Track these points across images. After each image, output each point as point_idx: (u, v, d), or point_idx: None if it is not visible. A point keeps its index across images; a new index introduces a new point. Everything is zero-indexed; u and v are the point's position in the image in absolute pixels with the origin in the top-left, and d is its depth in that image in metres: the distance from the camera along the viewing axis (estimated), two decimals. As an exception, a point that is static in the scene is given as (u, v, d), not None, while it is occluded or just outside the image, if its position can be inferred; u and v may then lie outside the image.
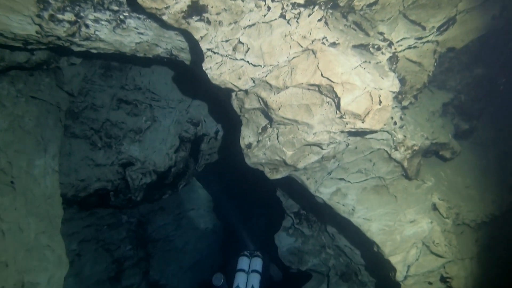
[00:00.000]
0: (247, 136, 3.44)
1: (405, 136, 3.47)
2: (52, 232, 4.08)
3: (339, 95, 2.84)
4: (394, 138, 3.46)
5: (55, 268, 4.00)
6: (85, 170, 4.81)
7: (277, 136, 3.24)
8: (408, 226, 3.56)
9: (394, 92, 3.02)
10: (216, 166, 6.22)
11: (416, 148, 3.51)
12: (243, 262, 5.31)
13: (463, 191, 3.97)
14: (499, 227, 4.00)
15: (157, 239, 6.74)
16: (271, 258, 6.05)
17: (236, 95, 3.29)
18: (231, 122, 4.92)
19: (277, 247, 5.84)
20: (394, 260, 3.52)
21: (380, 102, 2.89)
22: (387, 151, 3.53)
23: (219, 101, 4.47)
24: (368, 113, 2.89)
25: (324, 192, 3.74)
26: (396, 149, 3.49)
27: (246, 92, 3.18)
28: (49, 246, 4.02)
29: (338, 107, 2.92)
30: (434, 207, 3.72)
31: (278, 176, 3.51)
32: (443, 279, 3.60)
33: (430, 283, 3.58)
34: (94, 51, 3.52)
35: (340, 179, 3.72)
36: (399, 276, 3.51)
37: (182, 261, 7.21)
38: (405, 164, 3.54)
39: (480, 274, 3.66)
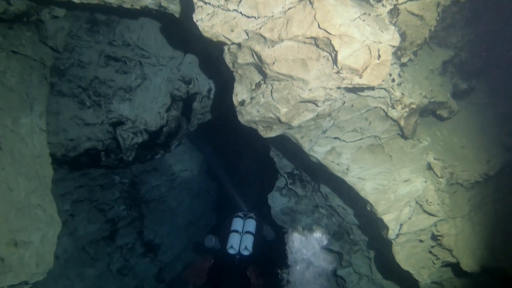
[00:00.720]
0: (240, 92, 3.32)
1: (403, 94, 3.37)
2: (42, 192, 4.02)
3: (336, 48, 2.70)
4: (392, 96, 3.36)
5: (47, 227, 3.98)
6: (74, 130, 4.68)
7: (271, 93, 3.12)
8: (402, 185, 3.54)
9: (393, 47, 2.88)
10: (209, 126, 6.11)
11: (413, 106, 3.42)
12: (237, 223, 5.43)
13: (458, 151, 3.94)
14: (492, 186, 4.01)
15: (151, 199, 6.75)
16: (265, 218, 6.14)
17: (228, 49, 3.13)
18: (224, 80, 4.77)
19: (270, 207, 5.87)
20: (387, 218, 3.53)
21: (379, 56, 2.77)
22: (383, 109, 3.45)
23: (212, 58, 4.30)
24: (366, 68, 2.77)
25: (318, 151, 3.68)
26: (393, 107, 3.40)
27: (239, 45, 3.02)
28: (40, 206, 3.98)
29: (335, 61, 2.80)
30: (429, 167, 3.70)
31: (272, 134, 3.43)
32: (434, 237, 3.64)
33: (421, 241, 3.63)
34: (76, 0, 3.30)
35: (335, 138, 3.66)
36: (391, 234, 3.54)
37: (175, 221, 7.27)
38: (402, 122, 3.47)
39: (470, 232, 3.70)
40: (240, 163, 8.57)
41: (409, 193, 3.54)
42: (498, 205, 3.78)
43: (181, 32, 4.43)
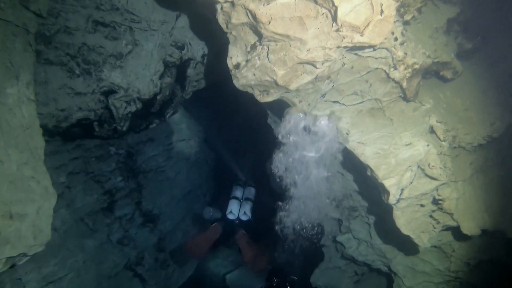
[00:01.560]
0: (234, 55, 3.15)
1: (405, 54, 3.21)
2: (35, 164, 3.92)
3: (336, 4, 2.52)
4: (394, 56, 3.20)
5: (42, 199, 3.91)
6: (64, 99, 4.52)
7: (268, 54, 2.96)
8: (404, 149, 3.45)
9: (397, 1, 2.70)
10: (204, 93, 5.94)
11: (416, 66, 3.27)
12: (237, 191, 5.63)
13: (461, 113, 3.82)
14: (495, 149, 3.93)
15: (148, 170, 6.67)
16: (264, 187, 6.11)
17: (221, 8, 2.94)
18: (218, 44, 4.56)
19: (269, 176, 5.81)
20: (388, 183, 3.46)
21: (381, 12, 2.59)
22: (385, 71, 3.30)
23: (205, 21, 4.08)
24: (367, 24, 2.60)
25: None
26: (395, 68, 3.25)
27: (232, 4, 2.83)
28: (33, 178, 3.88)
29: (334, 18, 2.62)
30: (431, 130, 3.59)
31: (269, 99, 3.29)
32: (435, 201, 3.59)
33: (422, 205, 3.58)
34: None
35: (335, 101, 3.53)
36: (392, 200, 3.48)
37: (174, 191, 7.24)
38: (404, 84, 3.33)
39: (471, 195, 3.66)
40: (237, 131, 8.46)
41: (410, 157, 3.45)
42: (502, 172, 3.70)
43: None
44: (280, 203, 6.39)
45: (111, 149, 5.99)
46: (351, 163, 4.27)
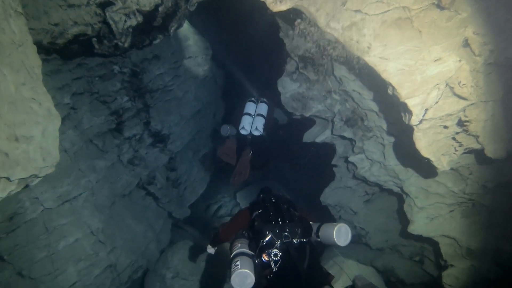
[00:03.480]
0: (242, -46, 2.69)
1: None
2: (34, 84, 3.70)
3: None
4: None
5: (46, 121, 3.78)
6: (57, 13, 4.12)
7: (282, -48, 2.50)
8: (432, 65, 3.09)
9: None
10: (211, 4, 5.40)
11: (456, -35, 2.77)
12: (250, 107, 5.66)
13: (504, 24, 3.34)
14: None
15: (155, 89, 6.44)
16: (277, 104, 5.96)
17: None
18: None
19: (280, 93, 5.56)
20: (411, 103, 3.18)
21: None
22: (418, -29, 2.81)
23: None
24: None
25: (336, 27, 3.16)
26: (431, -32, 2.76)
27: None
28: (34, 99, 3.70)
29: None
30: (466, 43, 3.19)
31: (283, 7, 2.89)
32: (460, 123, 3.34)
33: (445, 127, 3.34)
34: None
35: (356, 10, 3.10)
36: (414, 120, 3.23)
37: (183, 111, 7.07)
38: (440, -12, 2.86)
39: (501, 117, 3.37)
40: (247, 46, 7.98)
41: (439, 74, 3.11)
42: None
43: None
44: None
45: (115, 68, 5.71)
46: (371, 81, 3.95)
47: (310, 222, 3.55)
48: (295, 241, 3.18)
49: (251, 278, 2.80)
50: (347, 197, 5.99)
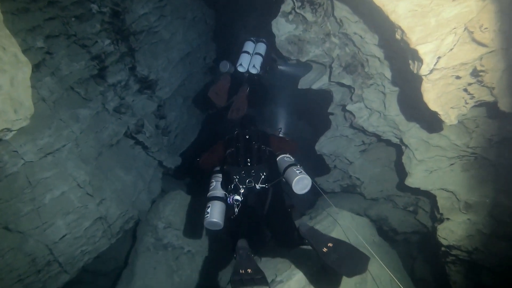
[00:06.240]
0: None
1: None
2: (-8, 27, 3.27)
3: None
4: None
5: (13, 68, 3.39)
6: None
7: None
8: (450, 5, 2.68)
9: None
10: None
11: None
12: (248, 46, 5.54)
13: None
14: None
15: (139, 31, 5.91)
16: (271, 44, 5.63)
17: None
18: None
19: (275, 36, 5.12)
20: (423, 50, 2.82)
21: None
22: None
23: None
24: None
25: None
26: None
27: None
28: (-6, 44, 3.29)
29: None
30: (490, -21, 2.76)
31: None
32: (475, 73, 3.01)
33: (458, 78, 3.02)
34: None
35: None
36: (424, 70, 2.90)
37: (170, 54, 6.59)
38: None
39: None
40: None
41: (457, 16, 2.71)
42: None
43: None
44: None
45: (93, 7, 5.17)
46: (375, 23, 3.54)
47: (285, 155, 3.85)
48: (257, 187, 3.46)
49: (218, 225, 3.34)
50: (343, 147, 5.80)
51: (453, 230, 4.11)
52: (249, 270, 2.54)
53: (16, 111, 3.46)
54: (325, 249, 2.64)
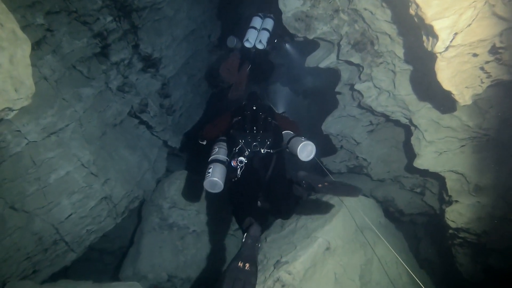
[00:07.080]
0: None
1: None
2: (-12, 1, 3.15)
3: None
4: None
5: (12, 45, 3.28)
6: None
7: None
8: (469, -23, 2.53)
9: None
10: None
11: None
12: (256, 21, 5.46)
13: None
14: None
15: (142, 7, 5.74)
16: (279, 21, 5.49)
17: None
18: None
19: (281, 12, 4.95)
20: (439, 25, 2.66)
21: None
22: None
23: None
24: None
25: None
26: None
27: None
28: (-9, 20, 3.17)
29: None
30: None
31: None
32: (493, 50, 2.85)
33: (475, 55, 2.87)
34: None
35: None
36: (440, 47, 2.75)
37: (174, 31, 6.43)
38: None
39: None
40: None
41: (480, -12, 2.54)
42: None
43: None
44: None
45: (93, -18, 5.00)
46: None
47: (289, 131, 3.85)
48: (262, 151, 3.49)
49: (219, 185, 3.23)
50: (350, 127, 5.70)
51: (462, 213, 4.04)
52: (246, 266, 2.47)
53: (16, 90, 3.39)
54: (320, 185, 2.94)
